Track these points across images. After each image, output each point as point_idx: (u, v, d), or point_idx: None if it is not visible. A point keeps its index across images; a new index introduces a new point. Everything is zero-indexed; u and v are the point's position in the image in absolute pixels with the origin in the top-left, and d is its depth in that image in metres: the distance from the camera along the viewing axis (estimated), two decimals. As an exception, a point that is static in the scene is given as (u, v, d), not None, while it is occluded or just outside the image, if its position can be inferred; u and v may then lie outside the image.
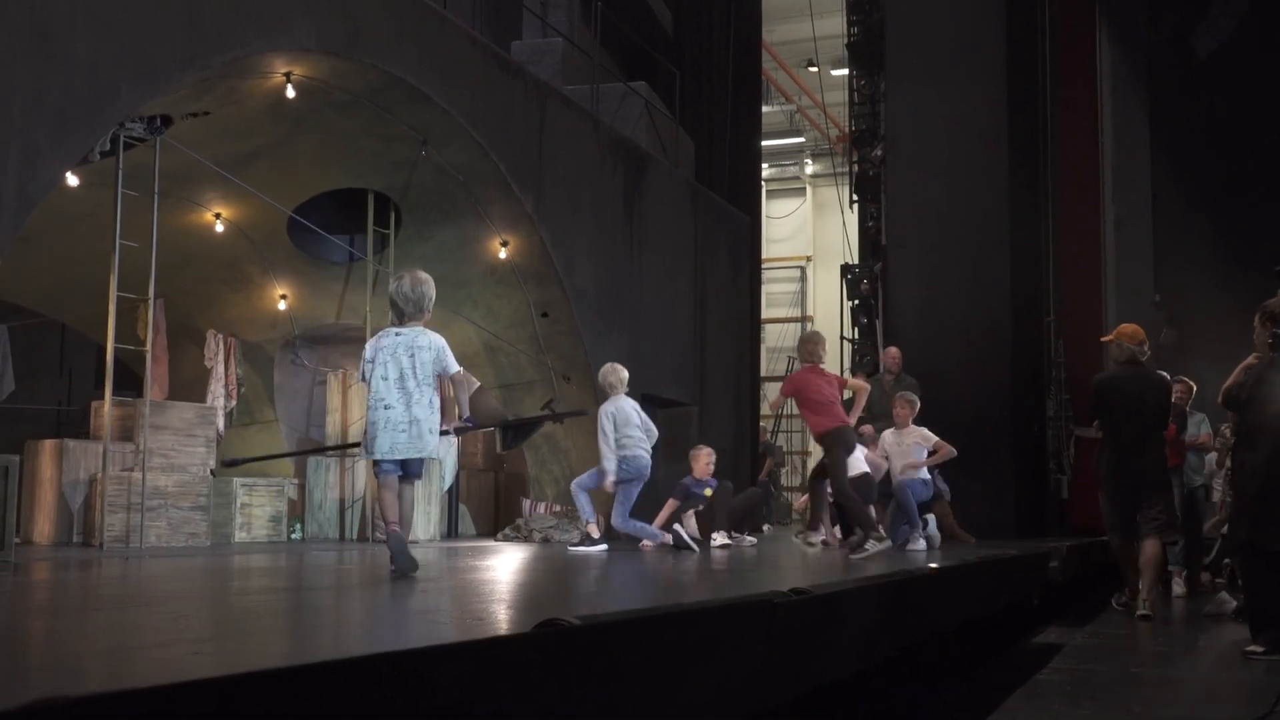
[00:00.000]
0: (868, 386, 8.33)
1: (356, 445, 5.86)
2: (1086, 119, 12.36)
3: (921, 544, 8.13)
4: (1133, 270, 12.07)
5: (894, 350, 9.89)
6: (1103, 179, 12.14)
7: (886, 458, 8.52)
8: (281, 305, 9.98)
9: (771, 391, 10.09)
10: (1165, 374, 8.55)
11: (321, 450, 9.10)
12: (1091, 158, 12.33)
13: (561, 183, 9.58)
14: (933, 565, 5.28)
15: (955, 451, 8.38)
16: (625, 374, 7.82)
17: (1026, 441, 11.42)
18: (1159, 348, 11.13)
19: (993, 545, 8.00)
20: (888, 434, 8.57)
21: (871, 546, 6.75)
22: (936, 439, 8.39)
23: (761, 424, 16.10)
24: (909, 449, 8.38)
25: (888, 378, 9.63)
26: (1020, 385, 11.35)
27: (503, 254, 9.38)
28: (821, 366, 7.26)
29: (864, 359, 12.68)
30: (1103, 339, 7.86)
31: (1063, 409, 12.00)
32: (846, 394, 7.69)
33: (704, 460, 8.50)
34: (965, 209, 11.50)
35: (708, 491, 8.44)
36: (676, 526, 7.86)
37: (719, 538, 8.17)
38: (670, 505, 8.31)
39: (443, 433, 4.93)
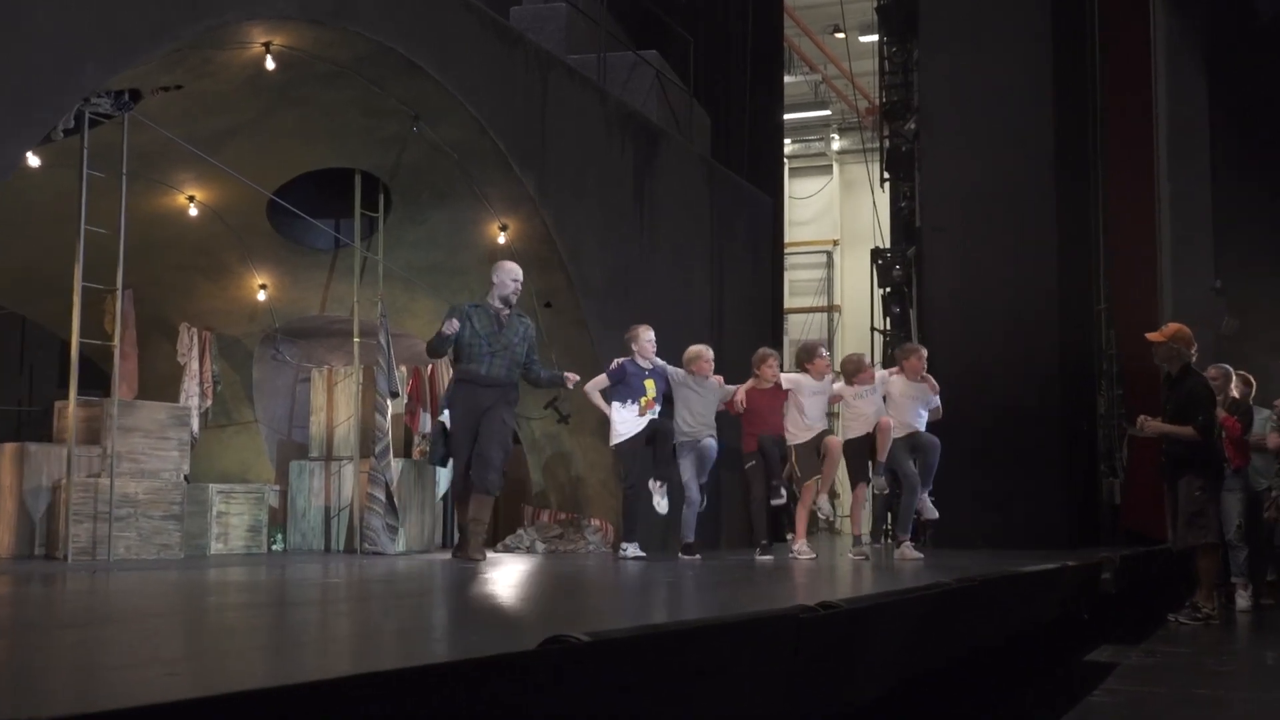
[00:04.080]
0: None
1: None
2: (1139, 87, 12.31)
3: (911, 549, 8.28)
4: (1190, 253, 12.02)
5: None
6: (1157, 153, 12.09)
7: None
8: (261, 296, 10.00)
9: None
10: (1228, 366, 8.51)
11: None
12: (1145, 130, 12.27)
13: (566, 161, 9.57)
14: (974, 576, 5.27)
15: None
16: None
17: (1076, 441, 11.39)
18: (1220, 338, 11.09)
19: (1039, 555, 7.99)
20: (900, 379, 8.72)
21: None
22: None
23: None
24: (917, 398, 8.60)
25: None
26: (1069, 379, 11.32)
27: (501, 239, 9.37)
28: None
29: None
30: (1150, 337, 7.77)
31: (1115, 405, 11.97)
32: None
33: (645, 338, 8.32)
34: (1007, 187, 11.46)
35: (649, 386, 8.22)
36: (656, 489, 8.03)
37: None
38: (598, 380, 8.28)
39: None
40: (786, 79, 18.33)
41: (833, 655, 3.53)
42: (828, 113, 24.56)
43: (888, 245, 14.50)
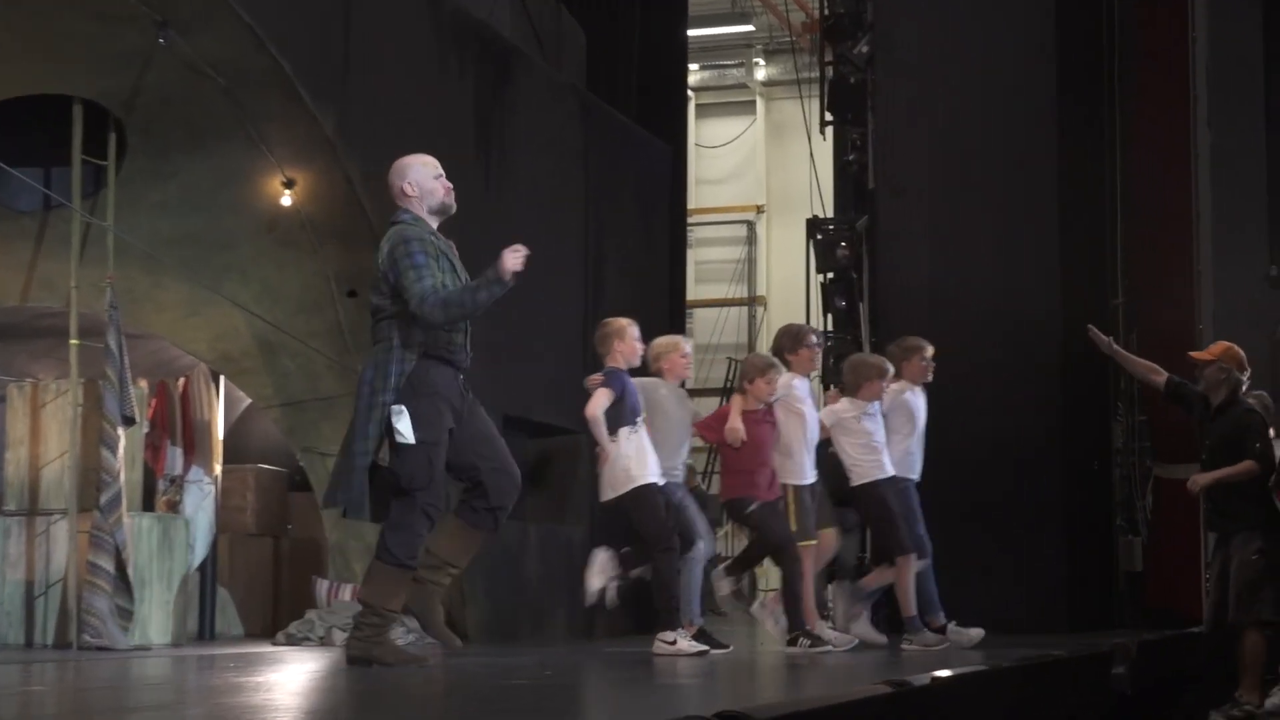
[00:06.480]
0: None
1: None
2: (1173, 6, 12.65)
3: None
4: (1238, 227, 12.35)
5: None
6: (1194, 94, 12.43)
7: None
8: (-65, 278, 9.83)
9: (704, 408, 10.08)
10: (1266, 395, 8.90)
11: None
12: (1180, 63, 12.61)
13: (380, 91, 9.55)
14: (939, 674, 5.37)
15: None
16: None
17: (1084, 485, 11.62)
18: (1276, 344, 11.43)
19: (1029, 641, 8.16)
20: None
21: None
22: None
23: (688, 463, 16.12)
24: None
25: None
26: (1074, 400, 11.54)
27: (287, 199, 9.33)
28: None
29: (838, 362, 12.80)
30: (1195, 356, 8.22)
31: (1136, 436, 12.24)
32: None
33: (634, 334, 7.96)
34: (994, 136, 11.65)
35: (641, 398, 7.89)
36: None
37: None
38: (600, 397, 7.63)
39: None
40: (694, -19, 18.47)
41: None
42: (750, 29, 24.81)
43: (830, 214, 14.66)
